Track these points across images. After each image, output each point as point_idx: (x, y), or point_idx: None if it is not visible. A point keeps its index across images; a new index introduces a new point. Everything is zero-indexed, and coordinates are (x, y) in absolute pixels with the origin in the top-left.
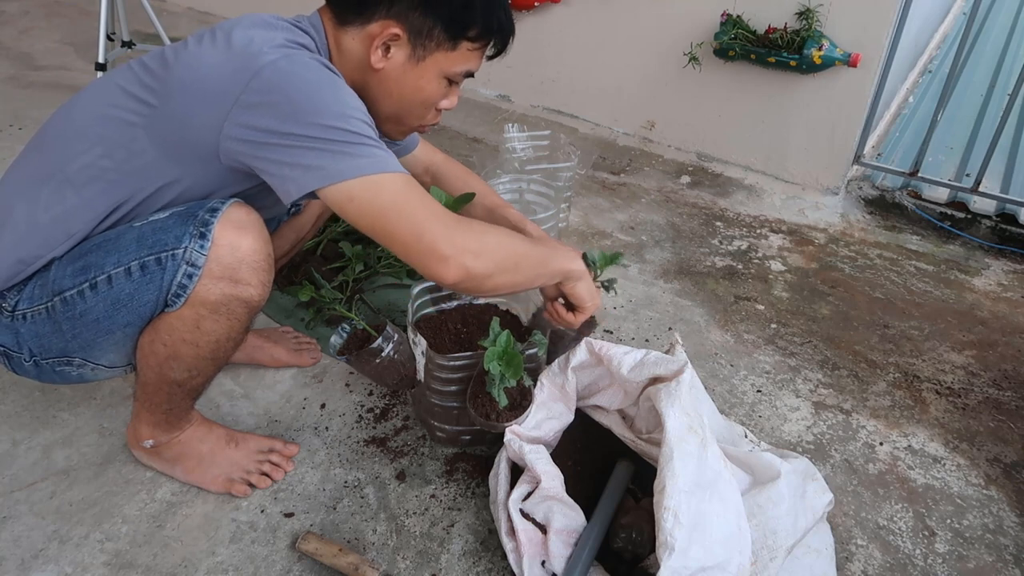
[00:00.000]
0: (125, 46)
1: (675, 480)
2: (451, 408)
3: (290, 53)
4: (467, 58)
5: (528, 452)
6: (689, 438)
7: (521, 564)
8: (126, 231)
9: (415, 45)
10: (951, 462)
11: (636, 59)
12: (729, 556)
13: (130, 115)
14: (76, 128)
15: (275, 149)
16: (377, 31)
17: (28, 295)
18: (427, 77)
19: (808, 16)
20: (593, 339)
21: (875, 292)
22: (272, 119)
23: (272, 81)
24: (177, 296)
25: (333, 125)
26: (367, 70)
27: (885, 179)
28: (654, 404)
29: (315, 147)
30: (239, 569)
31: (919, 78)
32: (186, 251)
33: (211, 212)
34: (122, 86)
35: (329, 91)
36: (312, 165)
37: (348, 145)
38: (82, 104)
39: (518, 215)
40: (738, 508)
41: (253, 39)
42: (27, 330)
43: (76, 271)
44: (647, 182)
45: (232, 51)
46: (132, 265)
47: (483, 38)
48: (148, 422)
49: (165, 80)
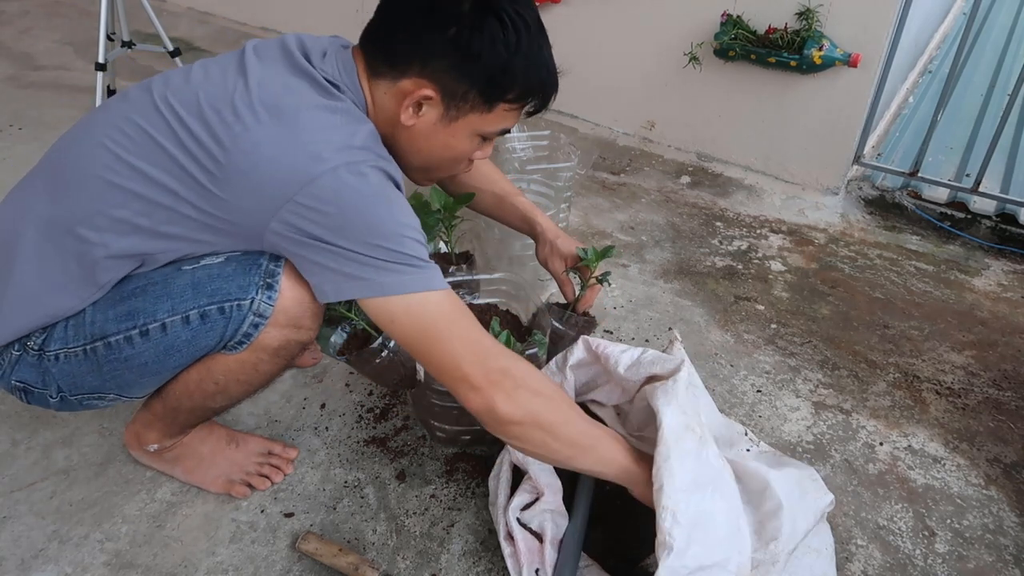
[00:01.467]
0: (125, 46)
1: (673, 479)
2: (451, 408)
3: (351, 162)
4: (503, 118)
5: (532, 463)
6: (687, 437)
7: (520, 571)
8: (176, 276)
9: (448, 106)
10: (951, 462)
11: (636, 59)
12: (728, 555)
13: (177, 184)
14: (107, 176)
15: (320, 253)
16: (409, 89)
17: (60, 336)
18: (459, 136)
19: (808, 16)
20: (591, 337)
21: (875, 292)
22: (323, 229)
23: (329, 192)
24: (240, 344)
25: (384, 245)
26: (397, 125)
27: (885, 179)
28: (650, 403)
29: (361, 261)
30: (239, 569)
31: (919, 78)
32: (253, 303)
33: (275, 262)
34: (156, 139)
35: (384, 209)
36: (355, 275)
37: (395, 265)
38: (108, 142)
39: (528, 203)
40: (737, 507)
41: (313, 132)
42: (59, 370)
43: (120, 316)
44: (647, 182)
45: (291, 143)
46: (191, 314)
47: (522, 100)
48: (160, 432)
49: (222, 165)
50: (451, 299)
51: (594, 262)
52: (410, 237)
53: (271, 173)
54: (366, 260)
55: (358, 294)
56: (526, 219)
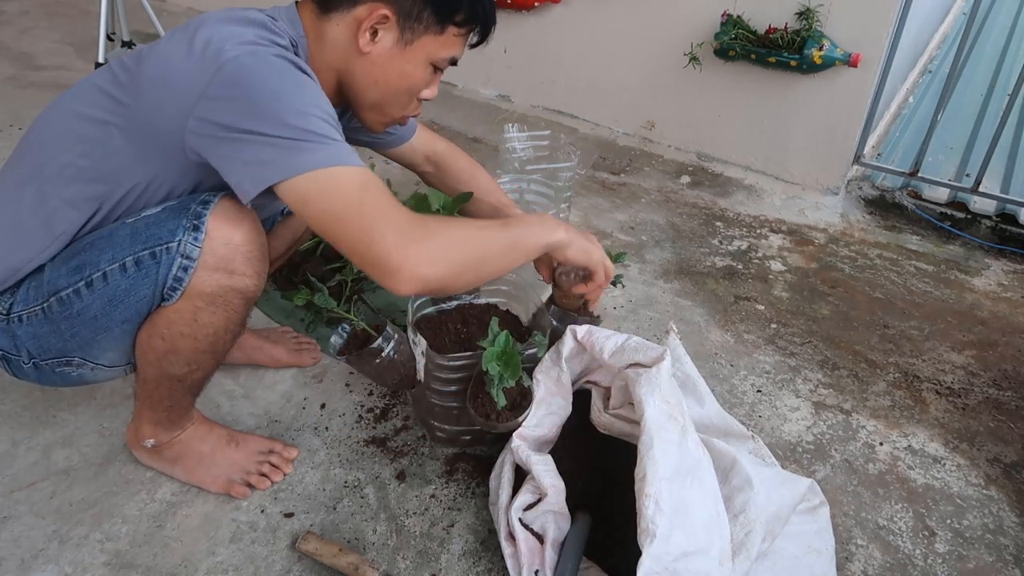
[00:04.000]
0: (125, 46)
1: (656, 468)
2: (451, 408)
3: (256, 50)
4: (453, 43)
5: (535, 464)
6: (669, 426)
7: (520, 571)
8: (119, 228)
9: (404, 28)
10: (951, 462)
11: (636, 59)
12: (710, 541)
13: (105, 113)
14: (55, 129)
15: (232, 145)
16: (365, 14)
17: (23, 297)
18: (414, 62)
19: (808, 16)
20: (577, 327)
21: (875, 292)
22: (232, 115)
23: (234, 77)
24: (173, 289)
25: (292, 123)
26: (352, 56)
27: (885, 179)
28: (632, 391)
29: (272, 144)
30: (239, 569)
31: (919, 78)
32: (180, 244)
33: (203, 204)
34: (99, 85)
35: (291, 88)
36: (268, 160)
37: (305, 143)
38: (62, 105)
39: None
40: (716, 494)
41: (220, 35)
42: (24, 332)
43: (71, 270)
44: (647, 182)
45: (198, 47)
46: (127, 261)
47: (469, 23)
48: (149, 421)
49: (137, 77)
50: (362, 173)
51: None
52: (317, 116)
53: (181, 74)
54: (276, 142)
55: (273, 177)
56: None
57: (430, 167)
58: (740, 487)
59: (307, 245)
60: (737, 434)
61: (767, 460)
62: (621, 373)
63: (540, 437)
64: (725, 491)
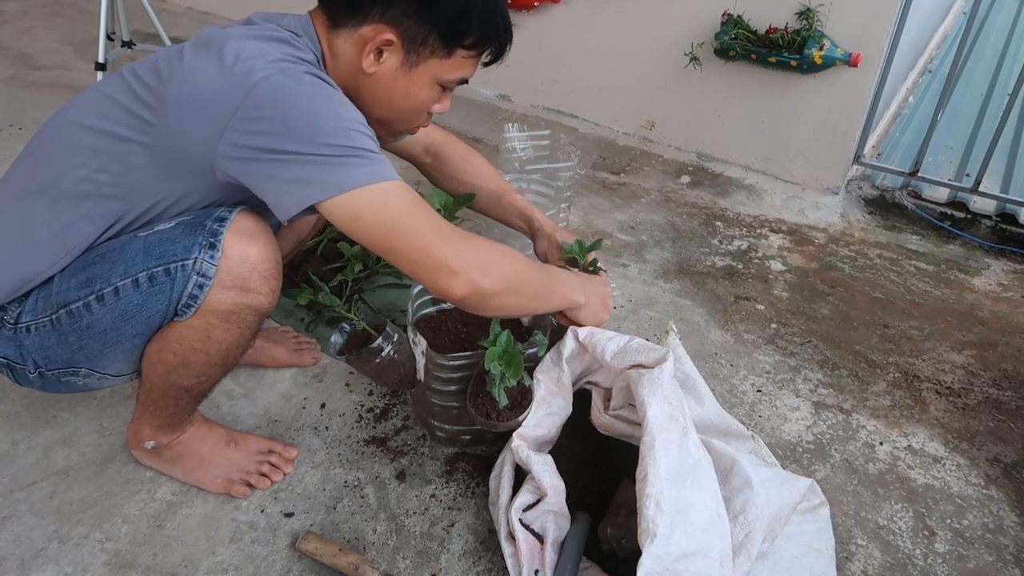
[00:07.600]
0: (125, 46)
1: (657, 468)
2: (451, 408)
3: (284, 68)
4: (462, 65)
5: (536, 464)
6: (671, 427)
7: (520, 571)
8: (130, 241)
9: (408, 52)
10: (951, 462)
11: (636, 59)
12: (711, 542)
13: (126, 130)
14: (69, 141)
15: (270, 166)
16: (370, 35)
17: (31, 308)
18: (419, 84)
19: (808, 16)
20: (579, 328)
21: (875, 292)
22: (268, 137)
23: (268, 98)
24: (187, 307)
25: (330, 141)
26: (358, 74)
27: (885, 179)
28: (634, 391)
29: (312, 162)
30: (239, 569)
31: (919, 78)
32: (196, 262)
33: (219, 222)
34: (115, 98)
35: (326, 105)
36: (309, 179)
37: (348, 159)
38: (74, 115)
39: (524, 201)
40: (716, 495)
41: (248, 52)
42: (31, 342)
43: (81, 283)
44: (647, 182)
45: (226, 66)
46: (140, 276)
47: (479, 46)
48: (151, 424)
49: (162, 96)
50: (405, 188)
51: (580, 254)
52: (356, 130)
53: (210, 95)
54: (316, 160)
55: (317, 196)
56: (523, 215)
57: (428, 158)
58: (740, 488)
59: (308, 244)
60: (737, 434)
61: (767, 460)
62: (622, 374)
63: (540, 437)
64: (725, 492)
